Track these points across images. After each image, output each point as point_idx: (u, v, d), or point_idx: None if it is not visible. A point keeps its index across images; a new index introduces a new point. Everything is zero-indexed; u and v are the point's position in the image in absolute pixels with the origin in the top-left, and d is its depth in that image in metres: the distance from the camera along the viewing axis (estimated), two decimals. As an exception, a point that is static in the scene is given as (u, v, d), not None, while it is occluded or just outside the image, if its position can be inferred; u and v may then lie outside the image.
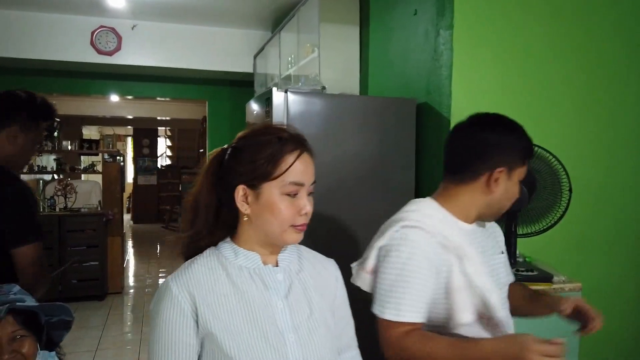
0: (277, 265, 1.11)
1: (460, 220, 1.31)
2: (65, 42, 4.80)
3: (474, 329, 1.29)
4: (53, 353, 1.31)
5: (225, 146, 1.11)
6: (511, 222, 1.95)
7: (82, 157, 9.26)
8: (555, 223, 1.95)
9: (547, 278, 1.98)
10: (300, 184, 1.04)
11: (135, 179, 11.04)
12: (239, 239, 1.09)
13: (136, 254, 7.84)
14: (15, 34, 4.70)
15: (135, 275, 6.45)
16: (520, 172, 1.29)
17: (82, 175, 7.82)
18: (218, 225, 1.11)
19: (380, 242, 1.32)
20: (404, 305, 1.23)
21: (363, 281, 1.37)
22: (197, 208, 1.09)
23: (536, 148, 1.97)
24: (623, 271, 2.50)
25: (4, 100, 1.69)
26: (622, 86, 2.45)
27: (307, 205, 1.05)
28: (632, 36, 2.45)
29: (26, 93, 1.73)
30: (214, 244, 1.11)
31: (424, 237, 1.26)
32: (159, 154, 11.84)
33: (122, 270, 5.80)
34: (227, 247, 1.10)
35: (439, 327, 1.29)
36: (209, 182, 1.08)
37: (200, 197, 1.09)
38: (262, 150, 1.03)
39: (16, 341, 1.19)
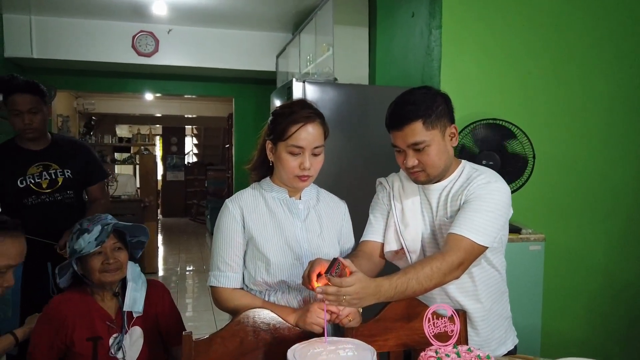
0: (300, 199, 1.56)
1: None
2: (109, 45, 5.20)
3: None
4: (137, 264, 1.78)
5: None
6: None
7: (115, 154, 9.88)
8: (524, 184, 2.36)
9: (516, 229, 2.40)
10: (300, 147, 1.43)
11: (164, 175, 11.39)
12: (274, 178, 1.56)
13: (166, 242, 8.41)
14: (65, 39, 5.12)
15: (165, 262, 6.92)
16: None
17: (115, 169, 8.37)
18: (262, 166, 1.57)
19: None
20: None
21: None
22: (256, 152, 1.57)
23: (508, 124, 2.40)
24: (588, 229, 2.79)
25: None
26: (585, 79, 2.76)
27: (306, 162, 1.43)
28: (597, 37, 2.76)
29: None
30: (259, 179, 1.58)
31: None
32: (186, 152, 12.15)
33: (156, 254, 6.32)
34: (266, 183, 1.56)
35: None
36: (262, 137, 1.54)
37: (258, 145, 1.56)
38: (279, 120, 1.47)
39: (116, 251, 1.66)
